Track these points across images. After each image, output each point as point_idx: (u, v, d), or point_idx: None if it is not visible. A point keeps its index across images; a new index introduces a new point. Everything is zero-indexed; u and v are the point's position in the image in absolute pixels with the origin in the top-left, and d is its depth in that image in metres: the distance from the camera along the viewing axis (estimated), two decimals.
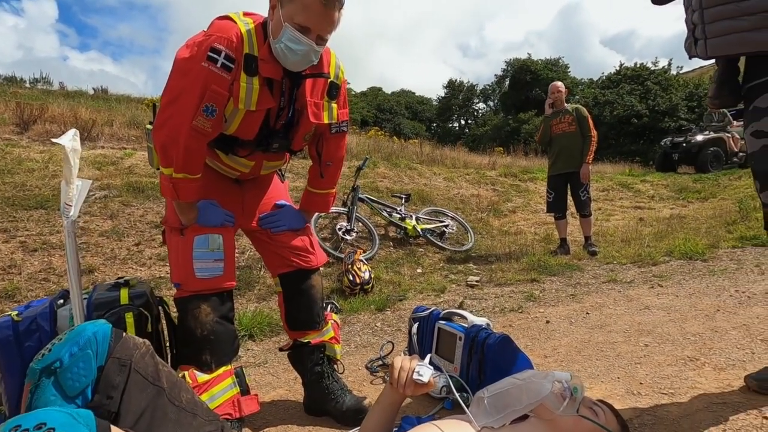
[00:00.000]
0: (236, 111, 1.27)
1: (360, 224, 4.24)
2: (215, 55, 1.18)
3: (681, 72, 24.70)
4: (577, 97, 24.51)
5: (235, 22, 1.23)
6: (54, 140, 1.19)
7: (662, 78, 22.89)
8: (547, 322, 2.48)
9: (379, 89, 36.91)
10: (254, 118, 1.31)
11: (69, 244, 1.23)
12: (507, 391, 1.01)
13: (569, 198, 4.47)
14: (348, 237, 3.99)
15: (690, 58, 1.49)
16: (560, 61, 31.18)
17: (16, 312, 1.27)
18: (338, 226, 4.06)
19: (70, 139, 1.18)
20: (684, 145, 10.05)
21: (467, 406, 1.06)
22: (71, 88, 14.18)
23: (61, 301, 1.38)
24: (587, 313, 2.58)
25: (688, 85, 22.77)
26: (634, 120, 21.47)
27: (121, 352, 0.78)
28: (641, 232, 5.04)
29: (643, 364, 1.79)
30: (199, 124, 1.21)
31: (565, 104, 4.47)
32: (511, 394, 1.00)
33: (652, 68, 23.73)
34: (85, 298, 1.34)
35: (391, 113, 32.29)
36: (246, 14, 1.29)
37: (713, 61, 1.48)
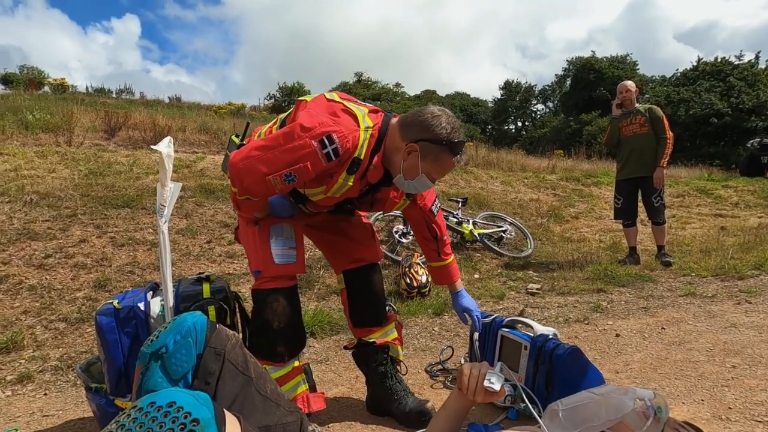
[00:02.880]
0: (319, 193, 1.36)
1: None
2: (327, 142, 1.23)
3: None
4: (647, 95, 22.83)
5: (359, 126, 1.28)
6: (153, 147, 1.32)
7: (748, 73, 20.74)
8: (617, 335, 2.35)
9: (433, 92, 36.72)
10: (334, 199, 1.40)
11: (162, 241, 1.35)
12: (584, 405, 0.97)
13: (639, 204, 4.20)
14: (404, 240, 4.01)
15: None
16: (628, 58, 29.27)
17: (116, 300, 1.42)
18: (395, 229, 4.10)
19: (166, 146, 1.30)
20: None
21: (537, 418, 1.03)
22: (150, 98, 15.53)
23: (151, 292, 1.51)
24: (663, 328, 2.40)
25: None
26: (713, 120, 19.64)
27: (216, 342, 0.85)
28: (723, 242, 4.61)
29: (731, 387, 1.64)
30: (273, 181, 1.26)
31: (636, 104, 4.20)
32: (588, 409, 0.96)
33: (736, 62, 21.59)
34: (172, 291, 1.47)
35: None
36: (371, 112, 1.35)
37: None
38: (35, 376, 2.08)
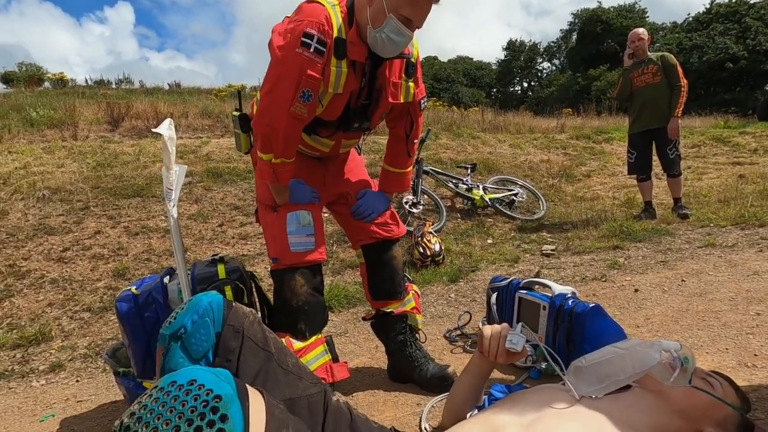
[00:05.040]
0: (325, 94, 1.30)
1: (426, 197, 4.21)
2: (308, 40, 1.20)
3: None
4: (658, 44, 21.92)
5: (324, 6, 1.25)
6: (153, 130, 1.29)
7: (766, 11, 19.69)
8: (636, 290, 2.32)
9: (435, 58, 35.75)
10: (340, 100, 1.34)
11: (173, 225, 1.34)
12: (609, 360, 0.96)
13: (654, 158, 4.08)
14: (415, 210, 3.99)
15: None
16: (636, 6, 28.01)
17: (134, 287, 1.43)
18: (404, 200, 4.07)
19: (167, 128, 1.27)
20: None
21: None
22: (149, 86, 15.40)
23: (168, 277, 1.52)
24: (682, 280, 2.37)
25: None
26: (728, 65, 18.84)
27: (234, 320, 0.85)
28: (742, 190, 4.49)
29: (756, 335, 1.62)
30: (297, 110, 1.25)
31: (648, 53, 4.02)
32: (613, 363, 0.95)
33: (752, 1, 20.48)
34: (187, 274, 1.48)
35: (448, 82, 31.22)
36: None
37: None
38: (66, 365, 2.15)
